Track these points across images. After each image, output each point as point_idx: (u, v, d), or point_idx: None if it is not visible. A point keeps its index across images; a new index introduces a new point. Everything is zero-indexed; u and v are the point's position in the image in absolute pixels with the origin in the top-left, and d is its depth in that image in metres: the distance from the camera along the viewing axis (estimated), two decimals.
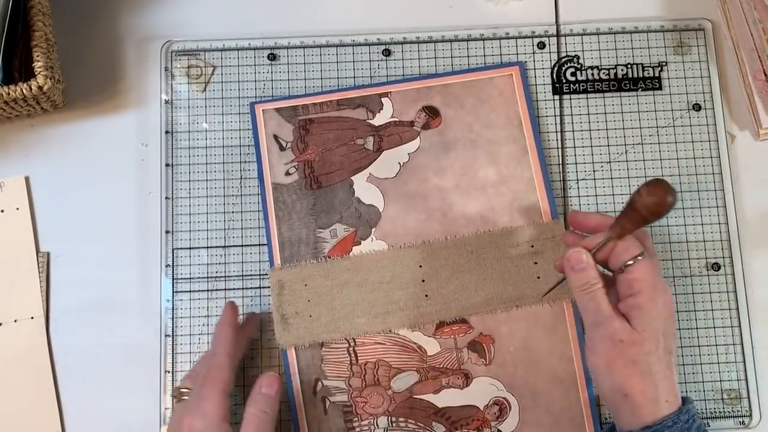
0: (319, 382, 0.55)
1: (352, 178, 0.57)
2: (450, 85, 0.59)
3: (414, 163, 0.58)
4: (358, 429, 0.54)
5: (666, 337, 0.45)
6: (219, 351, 0.51)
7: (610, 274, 0.48)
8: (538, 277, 0.55)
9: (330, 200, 0.57)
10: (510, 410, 0.54)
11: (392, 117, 0.58)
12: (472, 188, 0.57)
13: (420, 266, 0.55)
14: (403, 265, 0.55)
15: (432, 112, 0.58)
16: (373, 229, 0.56)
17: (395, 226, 0.56)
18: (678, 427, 0.43)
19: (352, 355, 0.55)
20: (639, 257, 0.45)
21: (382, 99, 0.58)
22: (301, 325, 0.54)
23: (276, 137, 0.58)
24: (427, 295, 0.55)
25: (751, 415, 0.55)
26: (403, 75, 0.59)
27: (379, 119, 0.58)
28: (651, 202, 0.43)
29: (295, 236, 0.56)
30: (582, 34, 0.60)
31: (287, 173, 0.57)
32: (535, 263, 0.55)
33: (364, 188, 0.57)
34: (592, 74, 0.60)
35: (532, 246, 0.55)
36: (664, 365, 0.45)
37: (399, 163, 0.58)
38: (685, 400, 0.46)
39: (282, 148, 0.58)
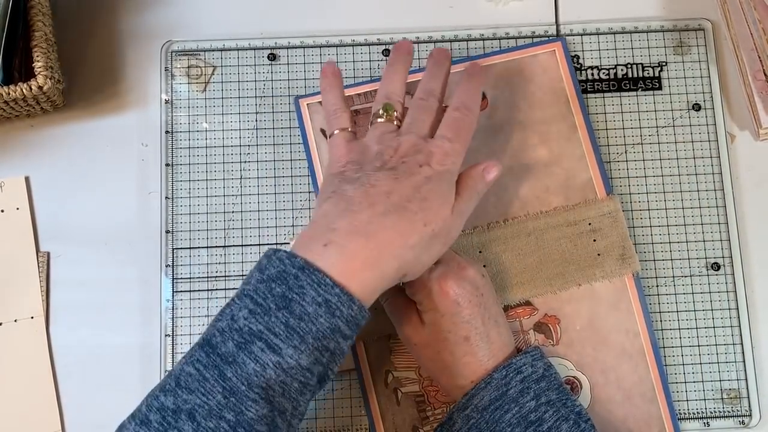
0: (390, 374, 0.55)
1: None
2: (493, 65, 0.58)
3: None
4: (431, 418, 0.54)
5: (456, 331, 0.47)
6: (472, 110, 0.48)
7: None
8: (599, 255, 0.55)
9: None
10: (581, 389, 0.54)
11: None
12: (525, 170, 0.57)
13: (480, 252, 0.55)
14: (462, 252, 0.55)
15: None
16: None
17: None
18: (494, 384, 0.46)
19: None
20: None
21: None
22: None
23: (323, 131, 0.57)
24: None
25: (751, 415, 0.55)
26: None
27: None
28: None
29: None
30: (582, 34, 0.60)
31: None
32: (594, 241, 0.55)
33: None
34: (592, 74, 0.60)
35: (590, 224, 0.55)
36: (460, 354, 0.47)
37: None
38: (527, 354, 0.48)
39: None
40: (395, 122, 0.49)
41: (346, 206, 0.43)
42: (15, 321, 0.56)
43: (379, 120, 0.49)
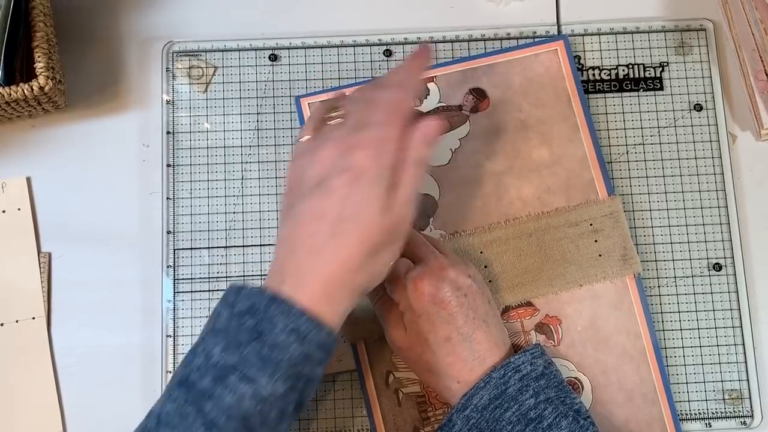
0: (391, 375, 0.55)
1: None
2: (495, 64, 0.58)
3: (466, 149, 0.57)
4: (433, 419, 0.54)
5: (435, 331, 0.47)
6: (407, 85, 0.44)
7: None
8: (600, 255, 0.55)
9: None
10: (582, 390, 0.54)
11: (439, 102, 0.58)
12: (526, 170, 0.57)
13: (481, 252, 0.55)
14: (464, 252, 0.55)
15: (479, 94, 0.58)
16: (431, 219, 0.56)
17: (452, 214, 0.56)
18: (493, 383, 0.46)
19: None
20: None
21: (428, 84, 0.58)
22: (368, 318, 0.54)
23: None
24: (490, 281, 0.55)
25: (752, 416, 0.55)
26: None
27: (427, 105, 0.58)
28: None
29: None
30: (583, 35, 0.60)
31: None
32: (596, 241, 0.55)
33: None
34: (593, 75, 0.60)
35: (591, 224, 0.55)
36: (443, 355, 0.47)
37: (451, 150, 0.57)
38: (527, 353, 0.48)
39: None
40: (339, 120, 0.45)
41: (290, 245, 0.43)
42: (16, 322, 0.56)
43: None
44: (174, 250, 0.57)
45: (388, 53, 0.60)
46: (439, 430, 0.48)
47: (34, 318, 0.56)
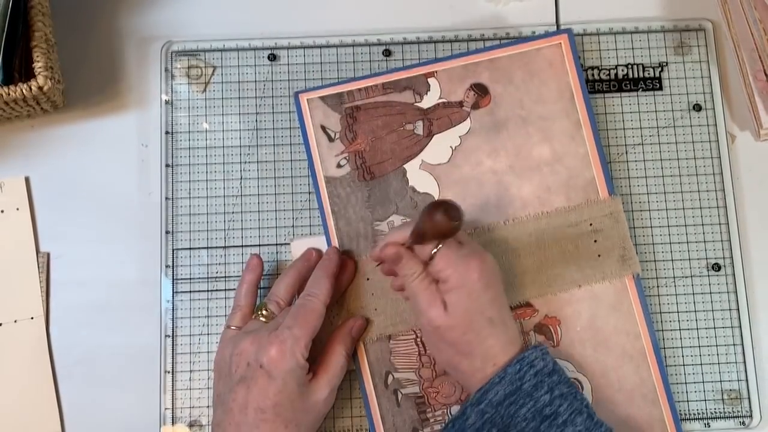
0: (390, 375, 0.54)
1: (405, 166, 0.57)
2: (497, 59, 0.58)
3: (466, 146, 0.57)
4: (432, 419, 0.54)
5: (482, 311, 0.47)
6: (317, 295, 0.51)
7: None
8: (599, 256, 0.55)
9: (384, 191, 0.56)
10: (582, 390, 0.54)
11: (440, 98, 0.57)
12: (527, 168, 0.56)
13: None
14: None
15: (481, 90, 0.57)
16: None
17: None
18: (508, 379, 0.46)
19: (420, 345, 0.55)
20: (440, 246, 0.47)
21: (429, 79, 0.58)
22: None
23: (324, 128, 0.57)
24: None
25: (751, 416, 0.55)
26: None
27: (427, 101, 0.57)
28: (429, 227, 0.46)
29: (353, 231, 0.56)
30: (582, 35, 0.60)
31: (338, 165, 0.57)
32: (595, 241, 0.55)
33: (417, 176, 0.56)
34: (593, 75, 0.60)
35: (591, 224, 0.55)
36: (484, 336, 0.47)
37: (451, 147, 0.57)
38: (537, 349, 0.48)
39: (331, 139, 0.57)
40: (261, 319, 0.52)
41: (225, 425, 0.48)
42: (15, 322, 0.56)
43: (251, 319, 0.53)
44: (173, 250, 0.57)
45: (387, 53, 0.60)
46: (452, 422, 0.48)
47: (32, 318, 0.56)
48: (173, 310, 0.56)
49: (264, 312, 0.52)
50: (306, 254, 0.55)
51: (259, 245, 0.57)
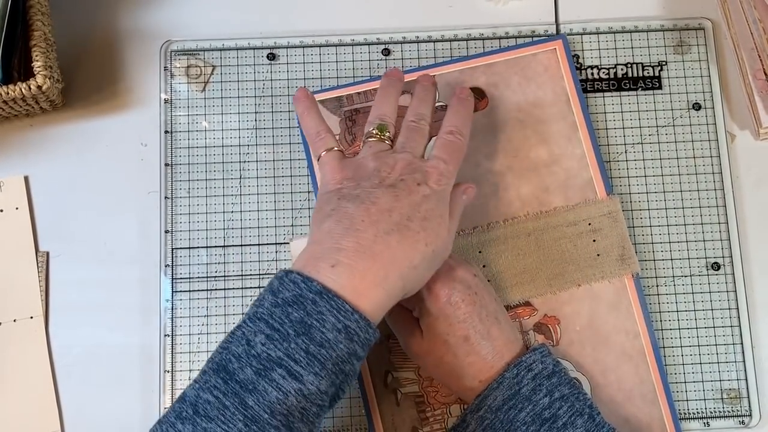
0: (389, 374, 0.54)
1: None
2: (493, 64, 0.58)
3: None
4: (431, 419, 0.54)
5: (453, 333, 0.47)
6: (464, 135, 0.50)
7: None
8: (598, 255, 0.55)
9: None
10: None
11: (438, 102, 0.57)
12: (525, 169, 0.57)
13: (479, 252, 0.55)
14: (462, 252, 0.55)
15: (478, 94, 0.58)
16: None
17: None
18: (506, 384, 0.46)
19: None
20: None
21: None
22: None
23: None
24: (489, 280, 0.54)
25: (751, 415, 0.55)
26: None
27: None
28: None
29: None
30: (582, 34, 0.60)
31: None
32: (594, 241, 0.55)
33: None
34: (592, 74, 0.60)
35: (590, 224, 0.55)
36: (465, 353, 0.47)
37: None
38: (536, 351, 0.48)
39: None
40: (387, 142, 0.49)
41: (349, 224, 0.43)
42: (14, 321, 0.56)
43: (372, 139, 0.49)
44: (172, 249, 0.57)
45: (386, 52, 0.60)
46: (452, 430, 0.48)
47: (32, 317, 0.56)
48: (172, 309, 0.56)
49: (388, 134, 0.49)
50: (395, 73, 0.53)
51: (258, 244, 0.57)
